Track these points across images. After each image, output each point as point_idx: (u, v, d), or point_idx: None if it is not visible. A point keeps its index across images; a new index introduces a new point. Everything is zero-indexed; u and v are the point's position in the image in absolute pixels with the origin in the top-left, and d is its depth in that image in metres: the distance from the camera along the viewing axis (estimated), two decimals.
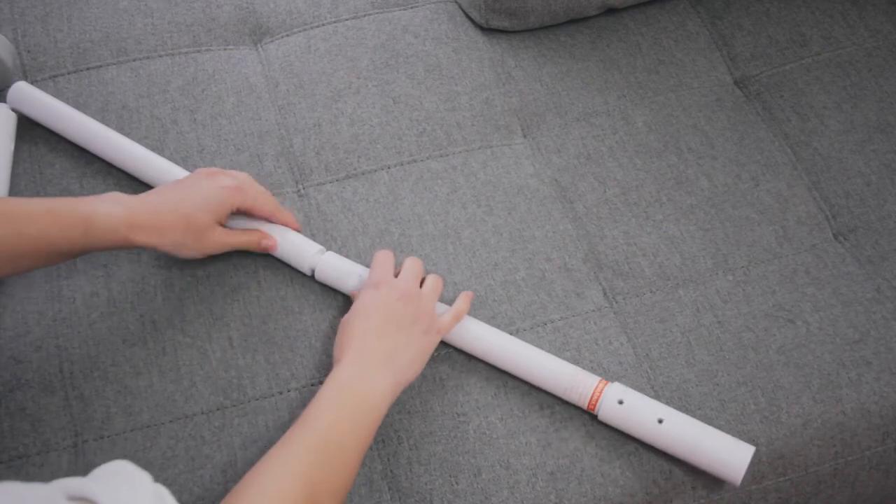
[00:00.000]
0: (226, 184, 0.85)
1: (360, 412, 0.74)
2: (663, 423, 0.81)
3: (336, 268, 0.89)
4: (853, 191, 1.02)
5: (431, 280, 0.87)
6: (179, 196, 0.83)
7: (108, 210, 0.77)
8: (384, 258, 0.87)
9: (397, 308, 0.81)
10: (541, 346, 0.88)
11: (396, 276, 0.86)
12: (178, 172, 0.93)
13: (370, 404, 0.75)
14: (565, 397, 0.84)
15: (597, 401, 0.82)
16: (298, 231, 0.92)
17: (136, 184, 0.95)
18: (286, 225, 0.91)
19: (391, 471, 0.82)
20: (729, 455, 0.79)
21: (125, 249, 0.90)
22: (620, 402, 0.82)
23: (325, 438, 0.71)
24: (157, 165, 0.93)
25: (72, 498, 0.51)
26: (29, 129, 0.98)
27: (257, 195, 0.87)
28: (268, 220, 0.90)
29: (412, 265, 0.87)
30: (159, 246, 0.81)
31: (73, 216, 0.76)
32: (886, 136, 1.05)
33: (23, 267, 0.77)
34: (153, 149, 0.97)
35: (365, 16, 1.10)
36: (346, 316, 0.82)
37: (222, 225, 0.86)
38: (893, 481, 0.91)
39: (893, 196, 1.01)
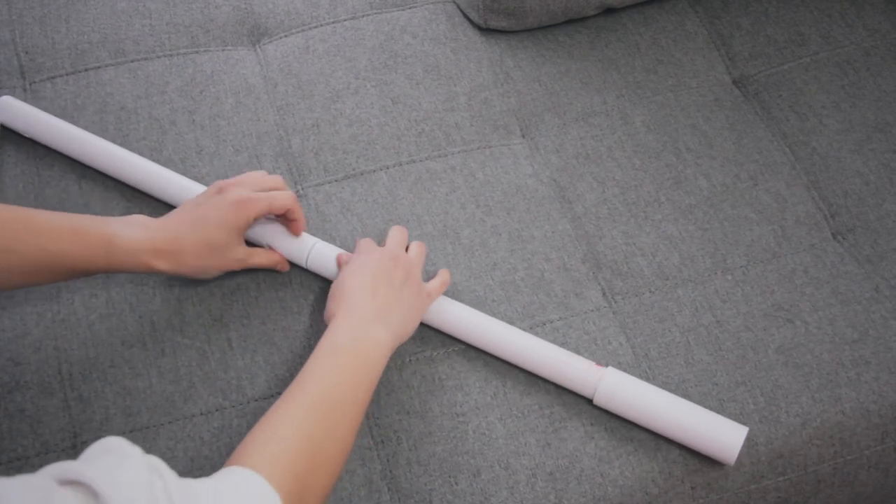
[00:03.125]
0: (236, 197, 0.83)
1: (359, 368, 0.74)
2: (658, 405, 0.82)
3: (328, 253, 0.89)
4: (852, 190, 1.02)
5: (416, 246, 0.89)
6: (197, 219, 0.82)
7: (132, 234, 0.77)
8: (367, 240, 0.89)
9: (388, 267, 0.83)
10: None
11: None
12: (172, 178, 0.93)
13: (368, 359, 0.75)
14: (563, 383, 0.84)
15: (594, 385, 0.83)
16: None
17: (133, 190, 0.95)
18: (301, 220, 0.89)
19: (390, 471, 0.82)
20: (723, 435, 0.80)
21: (145, 274, 0.89)
22: (617, 386, 0.82)
23: (324, 396, 0.71)
24: (150, 172, 0.93)
25: (64, 483, 0.50)
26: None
27: (270, 199, 0.85)
28: (286, 219, 0.89)
29: (397, 233, 0.90)
30: (181, 271, 0.81)
31: (97, 237, 0.76)
32: (885, 136, 1.05)
33: (40, 281, 0.77)
34: (152, 150, 0.97)
35: (363, 16, 1.10)
36: (335, 281, 0.83)
37: (243, 241, 0.86)
38: (893, 480, 0.91)
39: (892, 195, 1.01)
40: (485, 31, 1.12)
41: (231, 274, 0.90)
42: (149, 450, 0.81)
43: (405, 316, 0.81)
